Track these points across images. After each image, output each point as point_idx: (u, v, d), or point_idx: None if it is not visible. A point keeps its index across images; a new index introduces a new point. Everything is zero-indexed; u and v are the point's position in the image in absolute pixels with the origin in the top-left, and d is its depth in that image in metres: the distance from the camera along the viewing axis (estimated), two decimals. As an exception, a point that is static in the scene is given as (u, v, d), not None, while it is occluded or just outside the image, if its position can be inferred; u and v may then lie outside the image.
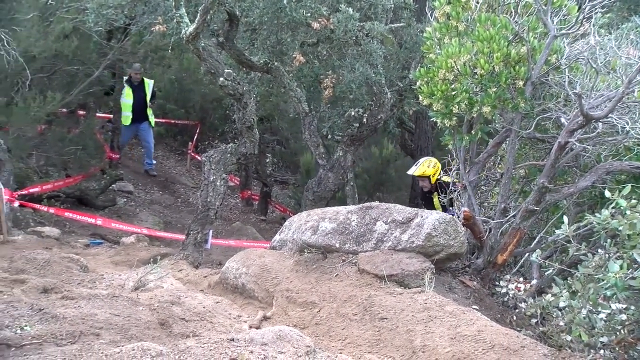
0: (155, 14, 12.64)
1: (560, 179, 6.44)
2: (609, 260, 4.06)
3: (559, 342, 4.58)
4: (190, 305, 5.80)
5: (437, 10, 6.83)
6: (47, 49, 12.82)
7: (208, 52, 10.29)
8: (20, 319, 4.68)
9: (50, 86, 13.05)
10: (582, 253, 4.49)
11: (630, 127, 5.72)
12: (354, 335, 5.01)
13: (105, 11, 12.09)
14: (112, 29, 13.41)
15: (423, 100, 6.74)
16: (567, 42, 6.24)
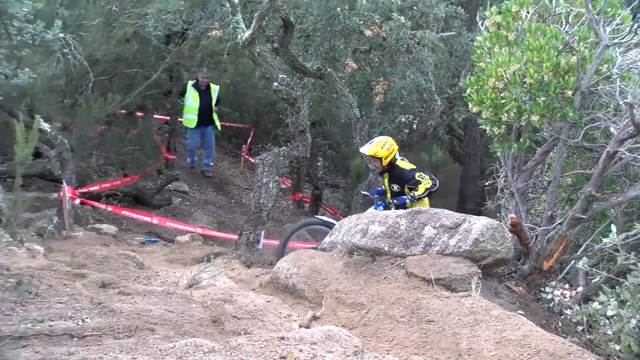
0: (212, 19, 12.72)
1: (608, 188, 6.35)
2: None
3: (606, 351, 4.50)
4: (242, 304, 5.81)
5: (487, 20, 6.78)
6: (109, 53, 12.95)
7: (263, 57, 10.30)
8: (81, 312, 4.73)
9: (111, 88, 13.17)
10: (631, 262, 4.41)
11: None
12: (401, 337, 4.99)
13: (165, 16, 12.19)
14: (171, 34, 13.50)
15: (472, 107, 6.69)
16: (619, 52, 6.15)
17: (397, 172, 9.47)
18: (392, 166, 9.46)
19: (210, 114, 14.95)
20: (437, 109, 11.93)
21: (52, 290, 5.28)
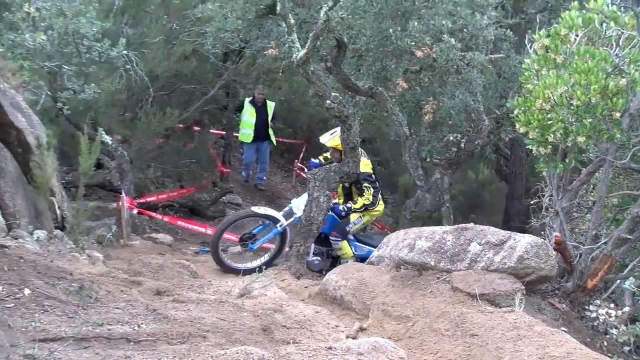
0: (269, 38, 12.80)
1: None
2: None
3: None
4: (291, 314, 5.83)
5: (536, 43, 6.75)
6: (169, 69, 13.13)
7: (317, 75, 10.34)
8: (137, 317, 4.78)
9: (170, 103, 13.35)
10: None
11: None
12: (445, 350, 4.97)
13: (223, 35, 12.29)
14: (228, 52, 13.63)
15: (519, 128, 6.66)
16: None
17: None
18: None
19: (266, 130, 15.08)
20: (484, 129, 11.87)
21: (111, 296, 5.35)
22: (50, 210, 8.24)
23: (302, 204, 9.91)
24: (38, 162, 7.81)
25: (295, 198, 10.62)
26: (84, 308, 4.77)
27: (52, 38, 10.73)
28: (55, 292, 4.92)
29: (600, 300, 5.85)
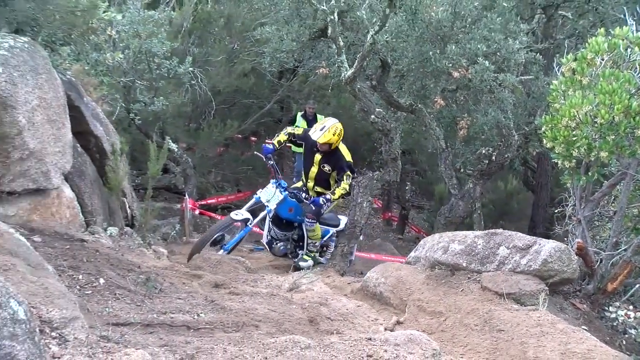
0: (320, 58, 12.86)
1: (674, 220, 6.17)
2: None
3: (669, 370, 4.35)
4: (335, 307, 5.82)
5: (563, 66, 6.68)
6: (230, 85, 13.24)
7: (363, 93, 10.37)
8: (197, 307, 4.81)
9: (230, 116, 13.45)
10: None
11: None
12: (474, 343, 4.93)
13: (279, 55, 12.35)
14: (283, 70, 13.71)
15: (546, 143, 6.59)
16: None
17: (337, 156, 9.30)
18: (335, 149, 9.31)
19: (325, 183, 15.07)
20: (514, 143, 11.76)
21: (173, 287, 5.38)
22: (122, 210, 8.33)
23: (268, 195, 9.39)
24: (112, 166, 7.90)
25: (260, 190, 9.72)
26: (149, 297, 4.81)
27: (128, 56, 10.90)
28: (125, 283, 4.97)
29: (619, 302, 5.75)
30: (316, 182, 9.76)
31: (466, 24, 11.21)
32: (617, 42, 6.28)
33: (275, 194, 9.35)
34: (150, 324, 4.17)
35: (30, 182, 6.27)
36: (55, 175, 6.57)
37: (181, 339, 3.89)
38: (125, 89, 11.02)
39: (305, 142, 9.59)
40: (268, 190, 9.43)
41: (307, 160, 9.65)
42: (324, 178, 9.64)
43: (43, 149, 6.36)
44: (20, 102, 6.05)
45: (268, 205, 9.31)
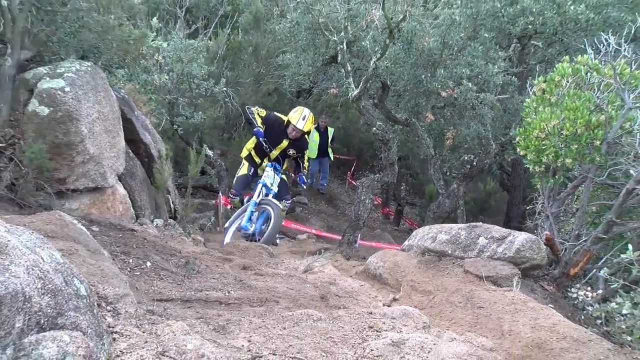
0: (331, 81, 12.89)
1: (626, 216, 6.13)
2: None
3: (620, 341, 4.32)
4: (342, 286, 5.81)
5: (535, 87, 6.68)
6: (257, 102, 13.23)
7: (366, 109, 10.36)
8: (227, 286, 4.80)
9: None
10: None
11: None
12: (458, 318, 4.92)
13: (297, 77, 12.38)
14: (300, 90, 13.70)
15: (520, 151, 6.60)
16: (639, 113, 5.99)
17: (303, 140, 8.70)
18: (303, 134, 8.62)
19: (327, 149, 15.06)
20: (492, 151, 11.72)
21: (208, 269, 5.38)
22: (166, 205, 8.34)
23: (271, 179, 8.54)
24: (158, 168, 7.91)
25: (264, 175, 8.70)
26: (188, 278, 4.81)
27: (172, 78, 10.94)
28: (168, 265, 4.97)
29: (580, 284, 5.72)
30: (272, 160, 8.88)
31: (453, 52, 11.21)
32: (579, 67, 6.30)
33: (275, 177, 8.63)
34: (188, 300, 4.17)
35: (90, 181, 6.31)
36: (110, 176, 6.60)
37: (214, 312, 3.89)
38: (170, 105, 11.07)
39: (271, 127, 8.58)
40: (269, 174, 8.60)
41: (272, 143, 8.64)
42: (282, 158, 8.93)
43: (101, 154, 6.39)
44: (83, 115, 6.10)
45: (272, 189, 8.55)
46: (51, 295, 2.40)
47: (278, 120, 8.57)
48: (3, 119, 5.85)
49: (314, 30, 11.69)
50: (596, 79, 6.25)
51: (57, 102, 5.93)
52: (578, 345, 4.20)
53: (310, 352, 3.24)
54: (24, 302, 2.18)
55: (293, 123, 8.32)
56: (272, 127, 8.54)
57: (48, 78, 6.04)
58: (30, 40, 6.36)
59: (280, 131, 8.52)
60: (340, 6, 11.10)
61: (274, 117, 8.59)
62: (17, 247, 2.38)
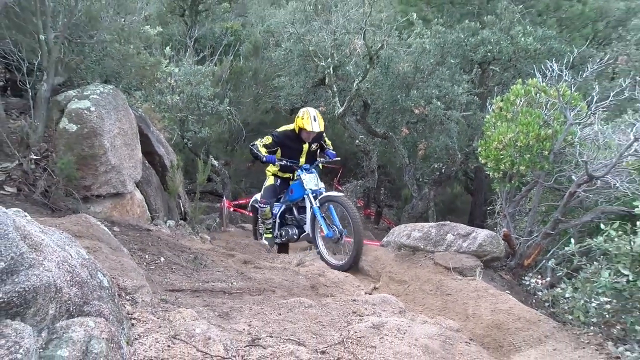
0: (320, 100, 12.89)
1: (570, 215, 6.17)
2: (601, 269, 3.86)
3: (563, 320, 4.36)
4: (329, 277, 5.80)
5: (494, 105, 6.72)
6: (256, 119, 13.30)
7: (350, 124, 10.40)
8: (231, 277, 4.79)
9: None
10: (582, 263, 4.31)
11: (620, 184, 5.49)
12: (429, 303, 4.92)
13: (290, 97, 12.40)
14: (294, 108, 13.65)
15: (481, 160, 6.61)
16: (579, 128, 6.03)
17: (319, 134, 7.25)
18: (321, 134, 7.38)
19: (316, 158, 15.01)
20: (457, 160, 11.78)
21: (214, 264, 5.37)
22: (177, 208, 8.33)
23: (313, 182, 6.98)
24: (171, 177, 7.90)
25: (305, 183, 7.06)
26: (196, 271, 4.80)
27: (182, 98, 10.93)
28: (179, 260, 4.96)
29: (532, 273, 5.74)
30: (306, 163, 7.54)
31: (424, 75, 11.27)
32: (530, 89, 6.35)
33: (312, 176, 7.09)
34: (196, 290, 4.16)
35: (111, 188, 6.31)
36: (129, 183, 6.60)
37: (219, 301, 3.89)
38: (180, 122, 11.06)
39: (287, 143, 7.18)
40: (305, 179, 7.01)
41: (294, 154, 7.26)
42: (314, 159, 7.62)
43: (121, 165, 6.39)
44: (105, 131, 6.11)
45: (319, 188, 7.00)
46: (78, 287, 2.41)
47: (287, 133, 7.16)
48: (39, 135, 5.94)
49: (305, 57, 11.73)
50: (544, 99, 6.29)
51: (84, 120, 5.99)
52: (530, 325, 4.23)
53: (302, 334, 3.24)
54: (56, 293, 2.18)
55: (307, 129, 6.93)
56: (285, 144, 7.14)
57: (76, 99, 6.12)
58: (63, 67, 6.46)
59: (296, 141, 7.19)
60: (327, 36, 11.14)
61: (281, 135, 7.15)
62: (50, 245, 2.38)
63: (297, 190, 7.10)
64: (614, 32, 14.66)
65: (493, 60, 12.12)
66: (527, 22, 12.24)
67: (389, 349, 3.11)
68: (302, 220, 7.12)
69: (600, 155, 5.80)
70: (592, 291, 3.91)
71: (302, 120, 6.93)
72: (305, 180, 6.90)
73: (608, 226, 3.85)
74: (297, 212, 7.26)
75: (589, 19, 13.40)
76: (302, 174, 7.00)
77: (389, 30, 11.11)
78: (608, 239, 3.80)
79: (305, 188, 6.84)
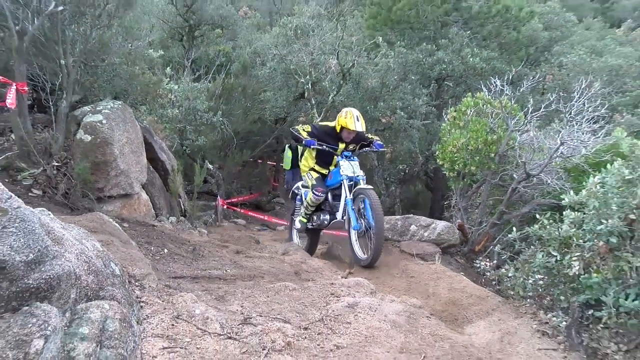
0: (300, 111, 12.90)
1: (512, 207, 6.27)
2: (536, 252, 3.95)
3: (506, 295, 4.44)
4: (311, 264, 5.80)
5: (449, 114, 6.80)
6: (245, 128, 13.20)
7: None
8: (225, 266, 4.78)
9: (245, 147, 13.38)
10: (522, 248, 4.39)
11: (551, 181, 5.60)
12: (396, 285, 4.95)
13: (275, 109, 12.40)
14: (278, 119, 13.66)
15: (439, 162, 6.68)
16: (519, 134, 6.12)
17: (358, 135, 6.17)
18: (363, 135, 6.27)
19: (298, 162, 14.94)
20: (420, 162, 11.89)
21: (210, 254, 5.34)
22: (178, 206, 8.29)
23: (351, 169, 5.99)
24: (172, 179, 7.87)
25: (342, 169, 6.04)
26: (195, 260, 4.78)
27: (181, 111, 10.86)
28: (180, 251, 4.95)
29: (481, 257, 5.83)
30: None
31: (389, 89, 11.35)
32: (478, 101, 6.43)
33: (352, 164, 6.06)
34: (196, 277, 4.15)
35: (121, 190, 6.28)
36: (136, 185, 6.57)
37: (215, 286, 3.88)
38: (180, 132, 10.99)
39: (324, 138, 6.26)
40: (344, 165, 6.01)
41: (329, 154, 6.35)
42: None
43: (129, 169, 6.36)
44: (115, 141, 6.10)
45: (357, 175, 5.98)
46: (94, 275, 2.42)
47: (326, 129, 6.31)
48: (59, 145, 5.99)
49: (287, 74, 11.76)
50: (490, 110, 6.36)
51: (97, 132, 6.00)
52: (480, 300, 4.30)
53: (288, 314, 3.26)
54: (75, 280, 2.20)
55: (350, 128, 5.98)
56: (321, 139, 6.26)
57: (90, 114, 6.16)
58: (79, 87, 6.55)
59: (334, 139, 6.26)
60: (306, 57, 11.18)
61: (320, 129, 6.34)
62: (69, 239, 2.40)
63: (335, 175, 6.20)
64: (542, 56, 15.30)
65: (447, 77, 12.29)
66: (474, 45, 12.42)
67: (362, 324, 3.14)
68: (335, 207, 6.26)
69: (536, 157, 5.89)
70: (529, 270, 4.00)
71: (344, 120, 6.00)
72: (343, 167, 5.96)
73: (542, 216, 3.94)
74: (331, 198, 6.37)
75: (522, 44, 13.89)
76: (342, 160, 6.05)
77: (358, 51, 11.18)
78: (542, 227, 3.88)
79: (342, 174, 5.94)
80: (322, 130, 6.26)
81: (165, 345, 2.53)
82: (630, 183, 3.27)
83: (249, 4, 25.93)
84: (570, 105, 6.02)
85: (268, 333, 2.83)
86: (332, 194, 6.29)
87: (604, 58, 12.85)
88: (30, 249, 1.96)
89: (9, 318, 1.84)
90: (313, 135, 6.25)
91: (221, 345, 2.66)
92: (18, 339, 1.78)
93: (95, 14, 6.31)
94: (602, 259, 3.31)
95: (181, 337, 2.64)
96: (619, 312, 3.12)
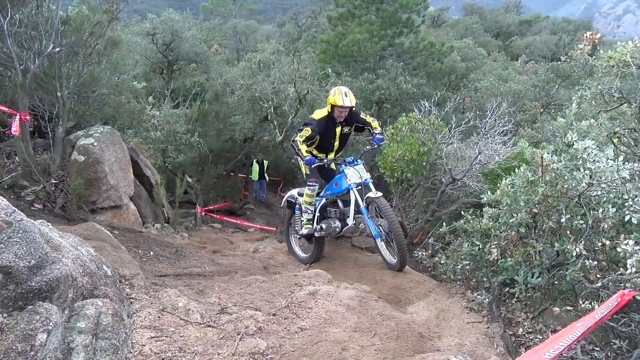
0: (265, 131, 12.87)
1: (442, 206, 6.39)
2: (463, 242, 4.05)
3: (440, 279, 4.54)
4: (278, 260, 5.81)
5: (388, 131, 6.86)
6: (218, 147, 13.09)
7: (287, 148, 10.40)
8: (204, 264, 4.74)
9: (219, 162, 13.25)
10: (451, 239, 4.49)
11: (472, 184, 5.75)
12: (349, 274, 4.98)
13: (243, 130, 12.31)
14: (246, 138, 13.57)
15: (381, 170, 6.74)
16: (445, 146, 6.25)
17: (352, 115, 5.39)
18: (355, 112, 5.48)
19: (264, 174, 14.87)
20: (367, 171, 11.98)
21: (191, 254, 5.28)
22: (162, 214, 8.11)
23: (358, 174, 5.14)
24: (156, 191, 7.72)
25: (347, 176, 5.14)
26: (178, 260, 4.72)
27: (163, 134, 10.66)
28: (164, 253, 4.86)
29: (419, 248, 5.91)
30: (339, 150, 5.65)
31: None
32: (411, 119, 6.54)
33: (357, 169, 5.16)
34: (178, 275, 4.09)
35: (111, 202, 6.17)
36: (125, 198, 6.43)
37: (195, 282, 3.84)
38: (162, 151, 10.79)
39: (323, 130, 5.26)
40: (349, 173, 5.10)
41: (328, 141, 5.40)
42: (346, 141, 5.70)
43: (118, 184, 6.23)
44: (105, 160, 6.03)
45: (365, 180, 5.17)
46: (89, 276, 2.36)
47: (322, 120, 5.24)
48: (57, 165, 5.97)
49: (253, 101, 11.69)
50: (421, 126, 6.46)
51: (89, 152, 5.97)
52: (419, 284, 4.39)
53: (258, 302, 3.25)
54: (72, 281, 2.15)
55: (339, 104, 5.05)
56: (324, 129, 5.27)
57: (83, 137, 6.16)
58: (73, 115, 6.55)
59: (331, 126, 5.30)
60: (268, 86, 11.17)
61: (318, 123, 5.23)
62: (66, 246, 2.33)
63: (341, 183, 5.27)
64: (461, 82, 15.94)
65: (385, 101, 12.50)
66: (406, 74, 12.73)
67: (322, 309, 3.16)
68: (346, 212, 5.33)
69: (459, 164, 6.03)
70: (458, 258, 4.10)
71: (333, 98, 5.11)
72: (349, 175, 5.08)
73: (466, 213, 4.04)
74: (342, 204, 5.44)
75: (445, 72, 14.50)
76: (346, 168, 5.14)
77: (312, 81, 11.25)
78: (466, 221, 3.99)
79: (349, 183, 5.07)
80: (320, 124, 5.21)
81: (153, 335, 2.48)
82: (533, 183, 3.41)
83: (219, 42, 25.81)
84: (484, 122, 6.22)
85: (242, 320, 2.81)
86: (342, 200, 5.42)
87: (509, 84, 13.41)
88: (32, 255, 1.95)
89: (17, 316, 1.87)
90: (315, 133, 5.18)
91: (201, 332, 2.63)
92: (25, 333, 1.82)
93: (87, 53, 6.36)
94: (514, 246, 3.43)
95: (166, 327, 2.59)
96: (527, 288, 3.24)
